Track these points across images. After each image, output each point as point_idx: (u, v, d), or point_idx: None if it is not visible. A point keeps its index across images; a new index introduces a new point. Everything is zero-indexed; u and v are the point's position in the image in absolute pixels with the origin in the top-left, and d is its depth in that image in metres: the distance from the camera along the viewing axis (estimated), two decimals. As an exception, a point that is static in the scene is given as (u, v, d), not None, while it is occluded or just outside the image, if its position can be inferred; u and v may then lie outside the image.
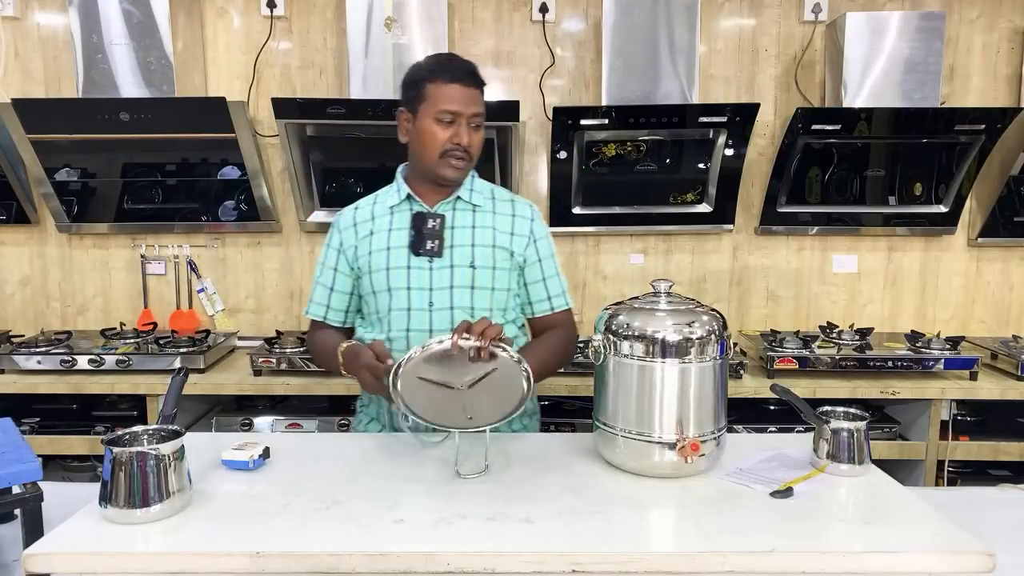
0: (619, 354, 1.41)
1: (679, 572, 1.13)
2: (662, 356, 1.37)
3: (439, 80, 1.68)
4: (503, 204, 1.82)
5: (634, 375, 1.39)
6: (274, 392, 2.80)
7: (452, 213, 1.77)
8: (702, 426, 1.39)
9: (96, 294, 3.29)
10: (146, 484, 1.19)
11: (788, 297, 3.31)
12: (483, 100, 1.73)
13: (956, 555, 1.15)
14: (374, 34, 2.85)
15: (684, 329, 1.38)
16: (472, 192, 1.80)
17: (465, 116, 1.68)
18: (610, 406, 1.43)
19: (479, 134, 1.73)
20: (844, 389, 2.73)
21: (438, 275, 1.73)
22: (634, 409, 1.40)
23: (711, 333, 1.39)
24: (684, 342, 1.37)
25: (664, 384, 1.38)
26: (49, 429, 2.81)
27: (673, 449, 1.36)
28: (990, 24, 3.13)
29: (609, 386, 1.43)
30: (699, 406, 1.39)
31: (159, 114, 2.87)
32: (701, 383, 1.39)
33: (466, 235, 1.76)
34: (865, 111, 2.90)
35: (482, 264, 1.74)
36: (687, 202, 3.14)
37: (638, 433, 1.39)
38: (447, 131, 1.68)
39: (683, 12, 2.86)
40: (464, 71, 1.71)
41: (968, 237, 3.25)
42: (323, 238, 3.16)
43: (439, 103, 1.67)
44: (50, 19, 3.11)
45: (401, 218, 1.78)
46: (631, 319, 1.41)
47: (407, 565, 1.12)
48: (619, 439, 1.41)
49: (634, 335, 1.39)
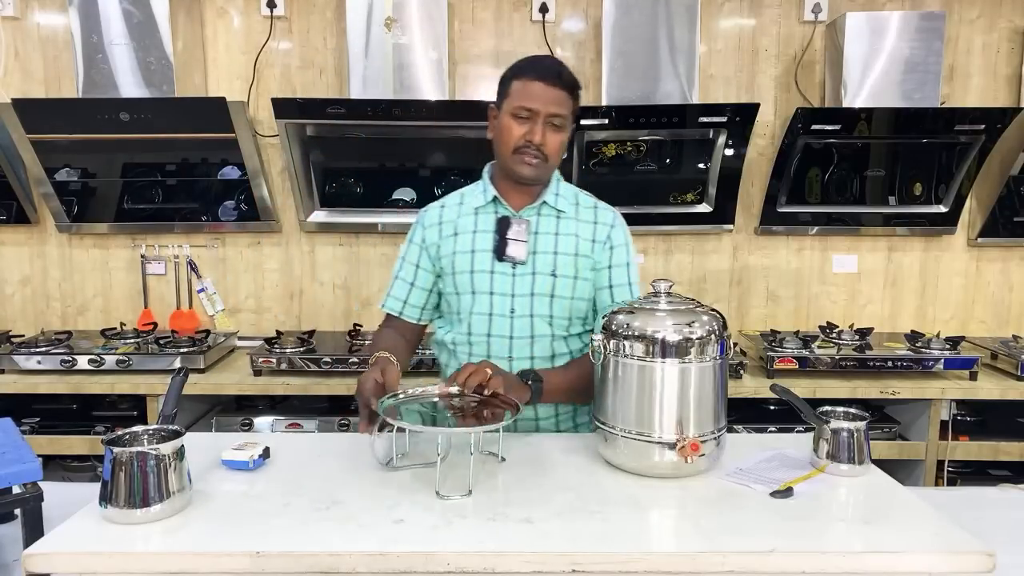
0: (619, 354, 1.41)
1: (679, 572, 1.13)
2: (662, 356, 1.37)
3: (524, 77, 1.66)
4: (586, 211, 1.78)
5: (634, 375, 1.39)
6: (274, 392, 2.81)
7: (536, 218, 1.74)
8: (702, 426, 1.39)
9: (96, 294, 3.29)
10: (146, 484, 1.19)
11: (788, 297, 3.31)
12: (571, 103, 1.68)
13: (956, 555, 1.14)
14: (374, 34, 2.85)
15: (684, 329, 1.38)
16: (557, 197, 1.76)
17: (542, 115, 1.63)
18: (610, 406, 1.43)
19: (557, 136, 1.67)
20: (844, 389, 2.73)
21: (520, 281, 1.71)
22: (634, 409, 1.40)
23: (711, 333, 1.39)
24: (684, 342, 1.37)
25: (664, 384, 1.38)
26: (49, 429, 2.81)
27: (673, 449, 1.36)
28: (990, 24, 3.13)
29: (609, 386, 1.43)
30: (699, 406, 1.39)
31: (159, 114, 2.87)
32: (701, 383, 1.39)
33: (549, 242, 1.73)
34: (865, 111, 2.90)
35: (564, 273, 1.72)
36: (687, 202, 3.14)
37: (638, 433, 1.39)
38: (522, 127, 1.65)
39: (683, 12, 2.86)
40: (549, 70, 1.66)
41: (968, 237, 3.25)
42: (323, 238, 3.24)
43: (518, 99, 1.65)
44: (50, 19, 3.11)
45: (486, 220, 1.75)
46: (631, 319, 1.41)
47: (407, 565, 1.12)
48: (619, 439, 1.41)
49: (634, 335, 1.39)
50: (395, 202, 3.13)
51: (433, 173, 3.14)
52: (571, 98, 1.68)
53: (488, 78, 3.17)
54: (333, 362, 2.78)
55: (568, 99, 1.67)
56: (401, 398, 1.47)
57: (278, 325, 3.25)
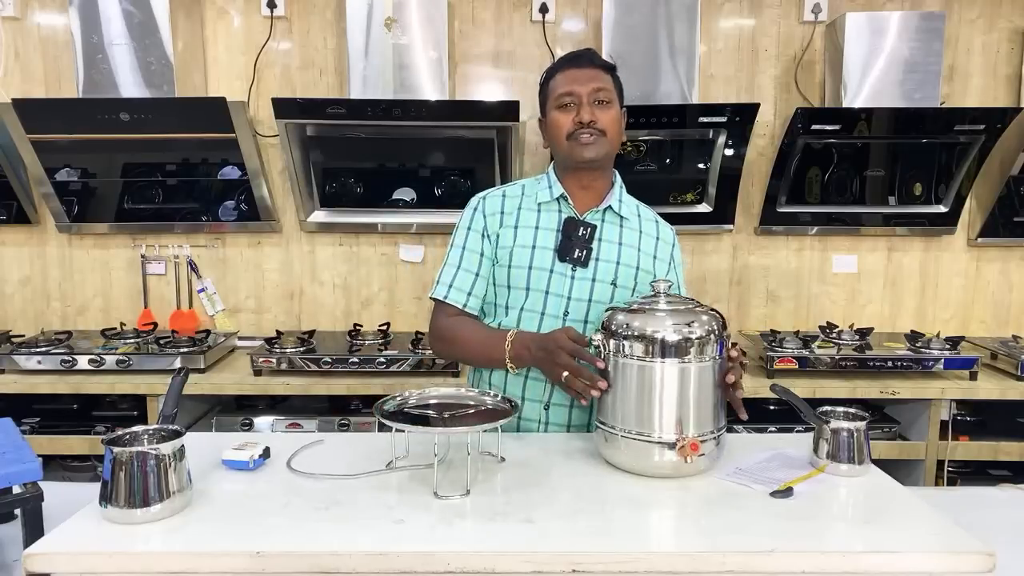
0: (619, 354, 1.41)
1: (679, 572, 1.13)
2: (661, 356, 1.37)
3: (557, 72, 1.67)
4: (648, 224, 1.78)
5: (633, 375, 1.39)
6: (274, 392, 2.81)
7: (601, 224, 1.72)
8: (702, 426, 1.39)
9: (96, 294, 3.29)
10: (146, 484, 1.19)
11: (788, 297, 3.31)
12: (610, 78, 1.67)
13: (956, 555, 1.14)
14: (374, 34, 2.85)
15: (683, 329, 1.38)
16: (621, 204, 1.75)
17: (584, 94, 1.62)
18: (610, 406, 1.43)
19: (608, 111, 1.64)
20: (844, 389, 2.73)
21: (579, 285, 1.69)
22: (634, 409, 1.39)
23: (710, 333, 1.39)
24: (683, 342, 1.37)
25: (664, 384, 1.38)
26: (49, 429, 2.81)
27: (673, 449, 1.36)
28: (990, 24, 3.13)
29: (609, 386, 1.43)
30: (699, 406, 1.39)
31: (159, 114, 2.87)
32: (700, 383, 1.39)
33: (612, 251, 1.71)
34: (865, 111, 2.90)
35: (623, 284, 1.70)
36: (687, 202, 3.14)
37: (638, 433, 1.39)
38: (569, 114, 1.64)
39: (683, 12, 2.86)
40: (579, 56, 1.67)
41: (968, 237, 3.25)
42: (323, 238, 3.24)
43: (557, 90, 1.65)
44: (50, 19, 3.11)
45: (549, 218, 1.72)
46: (630, 319, 1.41)
47: (407, 565, 1.12)
48: (619, 439, 1.41)
49: (633, 335, 1.39)
50: (395, 202, 3.14)
51: (433, 173, 3.14)
52: (609, 75, 1.67)
53: (488, 78, 3.17)
54: (333, 362, 2.78)
55: (605, 73, 1.66)
56: (410, 401, 1.47)
57: (278, 325, 3.25)
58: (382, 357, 2.79)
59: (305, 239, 3.26)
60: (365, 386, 2.73)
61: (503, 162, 3.01)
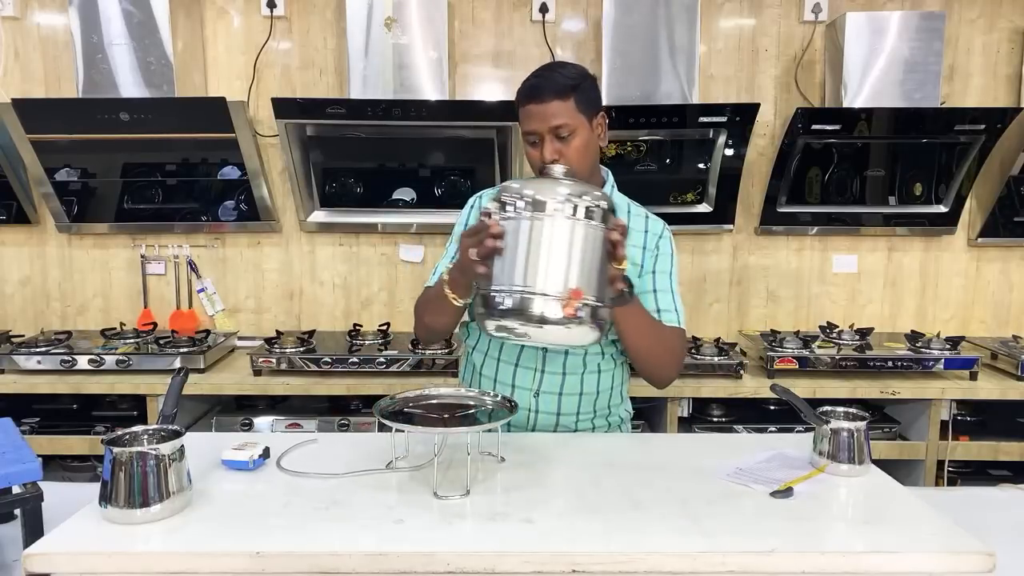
0: (510, 217, 1.37)
1: (679, 572, 1.13)
2: (548, 212, 1.34)
3: (521, 105, 1.67)
4: (637, 219, 1.81)
5: (523, 232, 1.35)
6: (274, 392, 2.81)
7: None
8: (587, 288, 1.34)
9: (96, 294, 3.29)
10: (146, 484, 1.19)
11: (788, 297, 3.31)
12: (573, 107, 1.64)
13: (956, 555, 1.15)
14: (374, 34, 2.85)
15: (572, 195, 1.36)
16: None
17: (544, 132, 1.63)
18: (498, 272, 1.37)
19: (571, 144, 1.64)
20: (844, 389, 2.73)
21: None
22: (522, 265, 1.35)
23: (598, 203, 1.37)
24: (571, 206, 1.35)
25: (552, 240, 1.34)
26: (49, 429, 2.81)
27: (557, 303, 1.32)
28: (990, 24, 3.13)
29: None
30: (583, 267, 1.35)
31: (159, 114, 2.87)
32: (586, 245, 1.35)
33: None
34: (865, 111, 2.90)
35: None
36: (687, 202, 3.13)
37: (524, 287, 1.34)
38: (536, 151, 1.65)
39: (683, 12, 2.86)
40: (534, 88, 1.64)
41: (968, 237, 3.25)
42: (323, 238, 3.24)
43: (523, 126, 1.67)
44: (50, 19, 3.11)
45: None
46: (522, 186, 1.40)
47: (407, 565, 1.12)
48: (506, 299, 1.35)
49: (523, 198, 1.36)
50: (395, 202, 3.14)
51: (433, 173, 3.14)
52: (570, 99, 1.64)
53: (488, 78, 3.17)
54: (333, 362, 2.78)
55: (565, 103, 1.64)
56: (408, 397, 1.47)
57: (278, 325, 3.25)
58: (382, 357, 2.79)
59: (305, 239, 3.26)
60: (365, 386, 2.73)
61: (503, 162, 3.01)
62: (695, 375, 2.79)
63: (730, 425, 2.85)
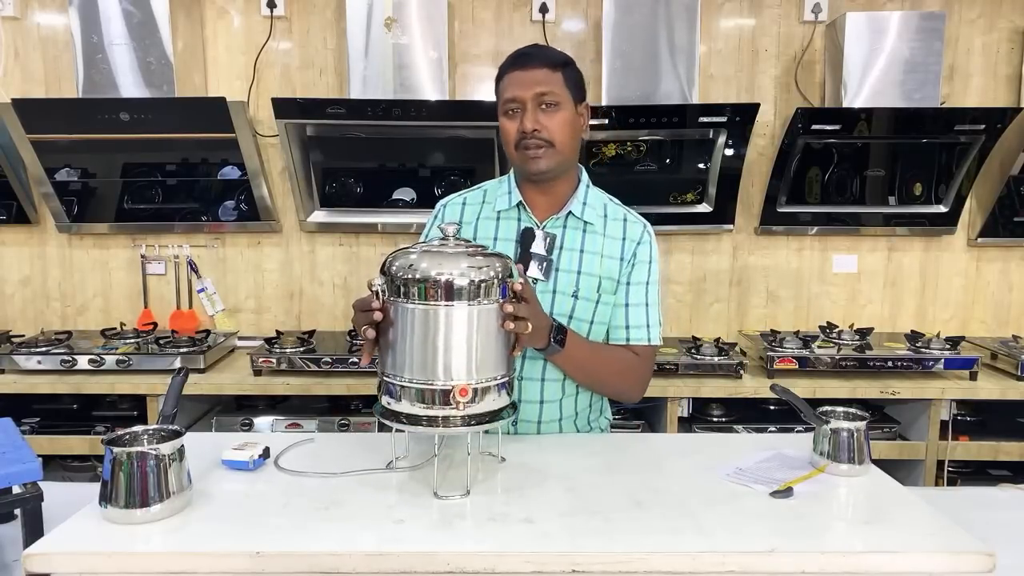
0: (395, 298, 1.30)
1: (679, 572, 1.13)
2: (439, 299, 1.26)
3: (504, 74, 1.58)
4: (614, 224, 1.68)
5: (409, 319, 1.29)
6: (274, 392, 2.81)
7: (562, 231, 1.64)
8: (483, 371, 1.29)
9: (96, 294, 3.29)
10: (146, 484, 1.19)
11: (788, 297, 3.31)
12: (560, 76, 1.54)
13: (956, 555, 1.14)
14: (374, 34, 2.85)
15: (460, 271, 1.27)
16: (584, 207, 1.65)
17: (528, 99, 1.52)
18: (390, 353, 1.31)
19: (555, 117, 1.53)
20: (844, 389, 2.73)
21: (539, 299, 1.55)
22: (409, 355, 1.29)
23: (493, 277, 1.29)
24: (463, 285, 1.26)
25: (441, 327, 1.27)
26: (49, 429, 2.81)
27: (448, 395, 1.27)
28: (990, 24, 3.13)
29: (392, 333, 1.32)
30: (478, 352, 1.29)
31: (159, 114, 2.87)
32: (480, 326, 1.29)
33: (574, 260, 1.64)
34: (865, 111, 2.90)
35: (585, 296, 1.63)
36: (687, 202, 3.13)
37: (419, 380, 1.28)
38: (514, 122, 1.55)
39: (683, 12, 2.86)
40: (523, 55, 1.55)
41: (968, 237, 3.25)
42: (323, 238, 3.24)
43: (503, 95, 1.56)
44: (50, 19, 3.11)
45: (508, 227, 1.66)
46: (415, 265, 1.30)
47: (407, 565, 1.12)
48: (405, 388, 1.29)
49: (409, 277, 1.29)
50: (395, 202, 3.14)
51: (433, 173, 3.14)
52: (558, 72, 1.55)
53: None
54: (333, 362, 2.78)
55: (553, 74, 1.54)
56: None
57: (278, 325, 3.25)
58: (382, 357, 2.78)
59: (305, 239, 3.26)
60: (365, 386, 2.73)
61: (503, 162, 3.01)
62: (695, 375, 2.79)
63: (730, 425, 2.85)
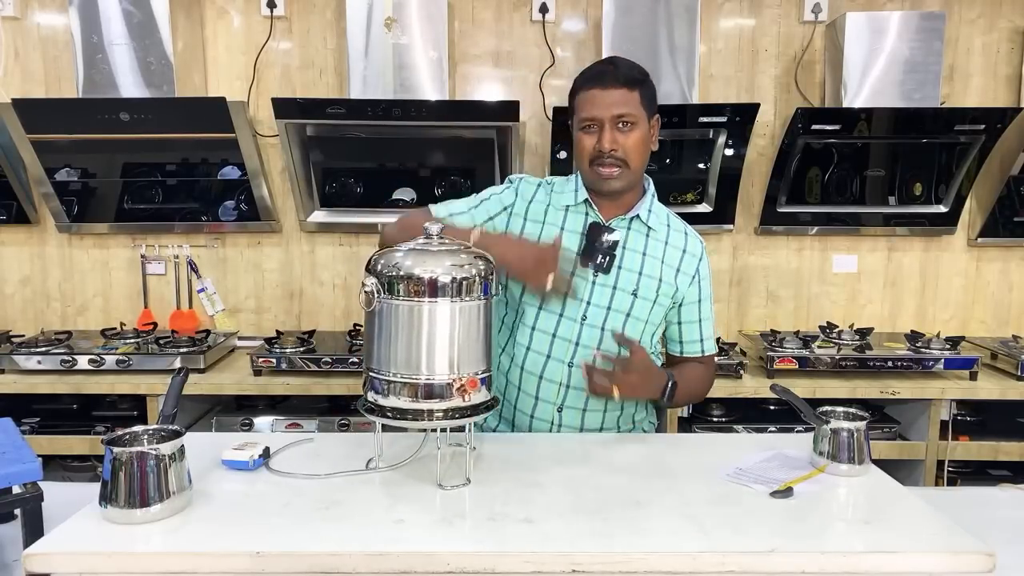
0: (387, 296, 1.35)
1: (679, 572, 1.13)
2: (430, 295, 1.31)
3: (581, 89, 1.63)
4: (676, 235, 1.76)
5: (402, 316, 1.33)
6: (274, 392, 2.81)
7: (627, 232, 1.71)
8: (474, 364, 1.34)
9: (96, 294, 3.29)
10: (146, 484, 1.19)
11: (788, 297, 3.31)
12: (638, 100, 1.61)
13: (956, 555, 1.15)
14: (374, 34, 2.85)
15: (449, 269, 1.33)
16: (650, 214, 1.73)
17: (607, 119, 1.59)
18: (379, 351, 1.36)
19: (631, 136, 1.61)
20: (844, 389, 2.73)
21: (599, 291, 1.68)
22: (402, 350, 1.33)
23: (476, 274, 1.34)
24: (450, 281, 1.32)
25: (434, 323, 1.32)
26: (49, 429, 2.80)
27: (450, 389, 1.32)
28: (990, 24, 3.13)
29: (376, 330, 1.36)
30: (467, 345, 1.34)
31: (159, 114, 2.87)
32: (468, 322, 1.34)
33: (636, 260, 1.70)
34: (865, 111, 2.90)
35: (644, 295, 1.69)
36: (687, 202, 3.13)
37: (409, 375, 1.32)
38: (592, 138, 1.61)
39: (683, 12, 2.86)
40: (603, 74, 1.61)
41: (968, 237, 3.25)
42: (323, 238, 3.24)
43: (581, 111, 1.63)
44: (50, 19, 3.11)
45: (575, 220, 1.71)
46: (398, 259, 1.36)
47: (407, 565, 1.12)
48: (393, 384, 1.33)
49: (400, 275, 1.34)
50: (395, 202, 3.13)
51: (433, 173, 3.14)
52: (636, 91, 1.62)
53: (488, 78, 3.17)
54: (333, 362, 2.78)
55: (631, 93, 1.61)
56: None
57: (278, 325, 3.25)
58: (382, 357, 2.78)
59: (305, 239, 3.26)
60: (365, 386, 2.73)
61: (503, 162, 3.01)
62: (695, 375, 2.79)
63: (730, 425, 2.85)
